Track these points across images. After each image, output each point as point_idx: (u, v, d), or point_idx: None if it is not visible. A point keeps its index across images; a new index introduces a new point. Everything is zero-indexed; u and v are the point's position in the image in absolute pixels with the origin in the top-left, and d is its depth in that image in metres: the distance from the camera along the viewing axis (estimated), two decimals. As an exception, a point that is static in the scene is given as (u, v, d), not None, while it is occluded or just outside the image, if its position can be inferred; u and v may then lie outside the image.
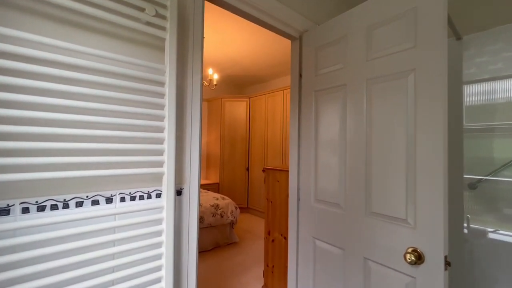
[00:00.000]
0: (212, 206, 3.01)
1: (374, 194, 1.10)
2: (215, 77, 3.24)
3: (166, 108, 0.84)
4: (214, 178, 4.88)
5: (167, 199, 0.84)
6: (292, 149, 1.56)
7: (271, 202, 1.98)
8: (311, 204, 1.40)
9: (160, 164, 0.86)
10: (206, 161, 5.14)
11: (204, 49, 3.29)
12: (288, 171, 1.81)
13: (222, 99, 4.74)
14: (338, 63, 1.29)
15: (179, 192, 0.96)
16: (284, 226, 1.85)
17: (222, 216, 3.04)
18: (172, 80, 0.84)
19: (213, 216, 2.96)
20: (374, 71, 1.12)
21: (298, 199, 1.51)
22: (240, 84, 5.44)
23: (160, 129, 0.88)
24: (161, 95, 0.88)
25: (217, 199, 3.18)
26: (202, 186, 4.51)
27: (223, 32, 2.99)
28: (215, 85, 3.19)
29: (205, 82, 3.18)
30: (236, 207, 3.24)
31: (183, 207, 0.99)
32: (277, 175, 1.91)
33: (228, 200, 3.25)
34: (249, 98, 4.70)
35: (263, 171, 4.36)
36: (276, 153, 4.13)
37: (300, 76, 1.53)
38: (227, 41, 3.20)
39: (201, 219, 2.86)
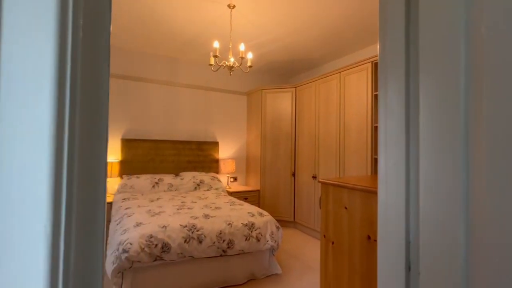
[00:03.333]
0: (246, 225, 2.26)
1: None
2: (249, 56, 2.50)
3: None
4: (254, 185, 4.15)
5: None
6: (391, 147, 0.69)
7: (333, 243, 1.12)
8: (457, 296, 0.51)
9: None
10: (246, 164, 4.46)
11: (233, 19, 2.57)
12: (374, 192, 0.93)
13: (263, 90, 3.99)
14: None
15: None
16: (360, 294, 0.97)
17: (258, 240, 2.27)
18: None
19: (246, 239, 2.21)
20: None
21: (409, 267, 0.63)
22: (284, 73, 4.62)
23: None
24: None
25: (253, 215, 2.42)
26: (240, 194, 3.82)
27: (258, -6, 2.23)
28: (250, 66, 2.45)
29: (236, 63, 2.46)
30: (277, 227, 2.44)
31: None
32: (345, 197, 1.05)
33: (267, 217, 2.46)
34: (295, 87, 3.84)
35: (313, 177, 3.45)
36: (330, 155, 3.19)
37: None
38: (262, 10, 2.43)
39: (230, 244, 2.13)
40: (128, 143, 3.47)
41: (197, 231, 2.05)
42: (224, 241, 2.11)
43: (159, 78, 3.76)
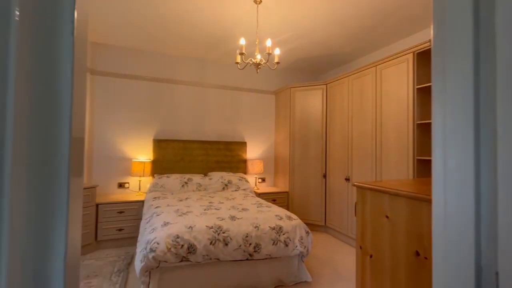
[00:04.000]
0: (273, 229, 2.16)
1: None
2: (277, 52, 2.40)
3: None
4: (282, 186, 4.03)
5: None
6: (453, 146, 0.55)
7: (371, 256, 0.97)
8: None
9: None
10: (274, 165, 4.36)
11: (259, 15, 2.49)
12: (424, 199, 0.78)
13: (291, 88, 3.86)
14: None
15: None
16: (407, 320, 0.82)
17: (287, 245, 2.15)
18: None
19: (273, 244, 2.11)
20: None
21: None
22: (314, 70, 4.43)
23: None
24: None
25: (281, 218, 2.31)
26: (268, 195, 3.73)
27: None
28: (277, 63, 2.34)
29: (263, 60, 2.38)
30: (307, 232, 2.30)
31: None
32: (386, 204, 0.90)
33: (296, 220, 2.34)
34: (326, 84, 3.65)
35: (346, 179, 3.24)
36: (365, 156, 2.95)
37: None
38: (289, 4, 2.31)
39: (257, 247, 2.05)
40: (159, 143, 3.57)
41: (223, 233, 2.00)
42: (250, 244, 2.03)
43: (187, 79, 3.83)
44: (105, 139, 3.41)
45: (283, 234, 2.17)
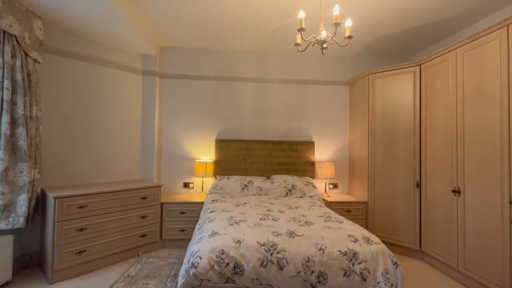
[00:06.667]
0: (344, 254, 1.62)
1: None
2: (348, 24, 1.84)
3: None
4: (360, 195, 3.33)
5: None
6: None
7: None
8: None
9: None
10: (348, 169, 3.68)
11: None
12: None
13: (370, 75, 3.13)
14: None
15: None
16: None
17: (364, 279, 1.58)
18: None
19: (345, 275, 1.57)
20: None
21: None
22: (399, 51, 3.53)
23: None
24: None
25: (356, 240, 1.74)
26: (340, 205, 3.12)
27: None
28: (349, 37, 1.80)
29: (329, 35, 1.86)
30: (395, 263, 1.65)
31: None
32: None
33: (378, 245, 1.72)
34: (419, 65, 2.78)
35: (455, 191, 2.31)
36: (488, 158, 2.03)
37: None
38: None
39: (322, 277, 1.56)
40: (221, 144, 3.45)
41: (277, 253, 1.59)
42: (312, 272, 1.56)
43: (249, 75, 3.60)
44: (172, 139, 3.51)
45: (359, 264, 1.61)
